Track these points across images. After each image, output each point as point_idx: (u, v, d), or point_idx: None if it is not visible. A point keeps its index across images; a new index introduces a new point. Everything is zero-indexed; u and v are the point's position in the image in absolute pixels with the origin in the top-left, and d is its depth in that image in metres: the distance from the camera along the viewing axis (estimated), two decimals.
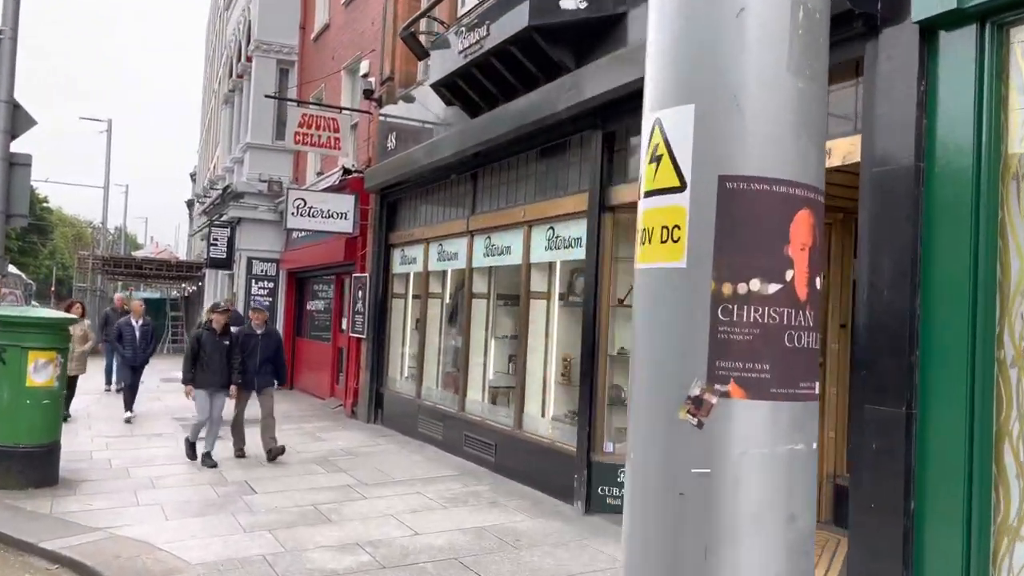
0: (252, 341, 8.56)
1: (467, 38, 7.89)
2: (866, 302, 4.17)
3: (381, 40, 11.98)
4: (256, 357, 8.49)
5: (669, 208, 1.56)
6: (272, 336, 8.87)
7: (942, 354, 3.85)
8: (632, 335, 1.65)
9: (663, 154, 1.60)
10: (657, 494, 1.51)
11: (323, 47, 15.67)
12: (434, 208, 10.41)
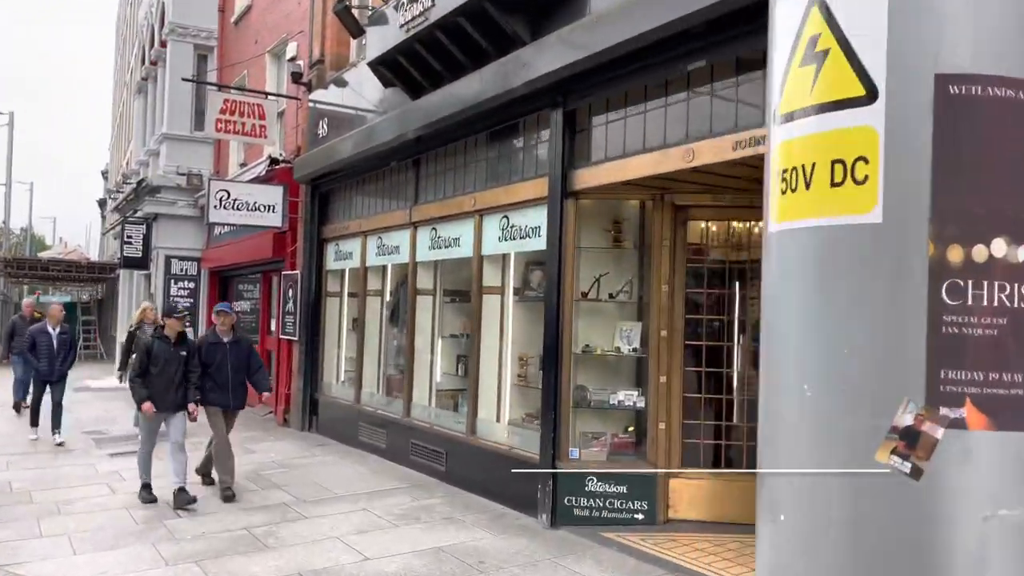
0: (218, 352, 7.00)
1: (409, 10, 7.24)
2: None
3: (310, 20, 11.17)
4: (226, 371, 6.96)
5: (845, 132, 1.00)
6: (243, 344, 7.27)
7: None
8: (764, 329, 1.08)
9: (830, 47, 1.04)
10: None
11: (245, 30, 14.70)
12: (372, 199, 9.70)
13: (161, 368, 6.58)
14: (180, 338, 6.78)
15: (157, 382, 6.56)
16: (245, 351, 7.23)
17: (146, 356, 6.63)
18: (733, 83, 4.93)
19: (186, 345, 6.83)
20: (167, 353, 6.62)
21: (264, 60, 13.35)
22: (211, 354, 6.97)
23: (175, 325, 6.78)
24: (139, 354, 6.80)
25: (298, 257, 11.19)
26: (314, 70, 10.91)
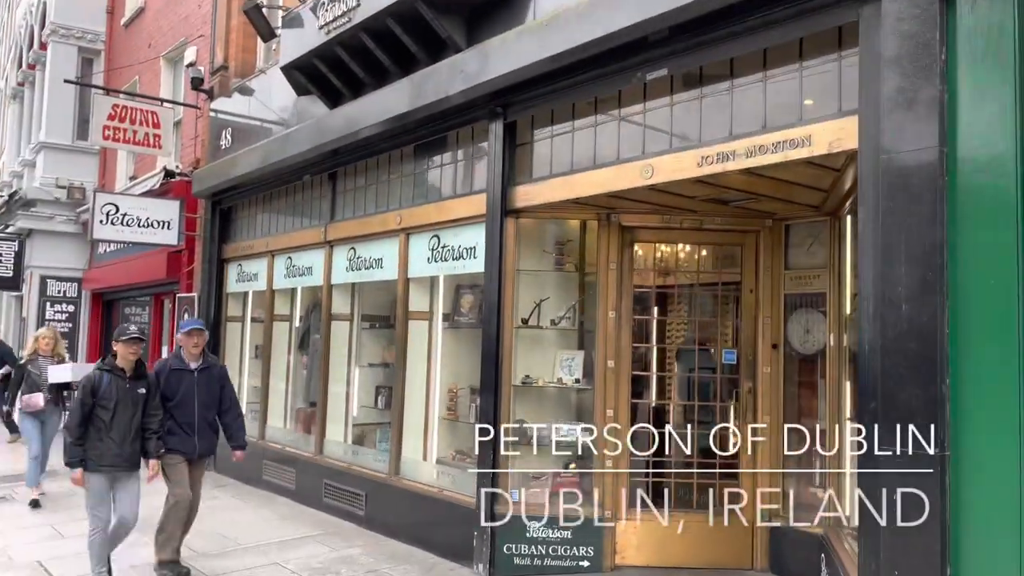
0: (183, 382, 5.42)
1: (330, 11, 6.63)
2: (876, 319, 3.40)
3: (212, 23, 10.35)
4: (191, 406, 5.40)
5: None
6: (214, 372, 5.65)
7: (981, 380, 3.13)
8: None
9: None
10: None
11: (137, 33, 13.62)
12: (281, 215, 8.95)
13: (113, 414, 4.93)
14: (136, 370, 5.12)
15: (104, 436, 4.90)
16: (217, 381, 5.64)
17: (90, 398, 4.92)
18: (698, 95, 4.58)
19: (144, 380, 5.16)
20: (120, 391, 4.98)
21: (158, 65, 12.36)
22: (173, 385, 5.39)
23: (130, 353, 5.07)
24: (79, 398, 5.05)
25: (195, 278, 10.25)
26: (216, 76, 10.09)
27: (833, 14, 3.74)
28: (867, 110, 3.52)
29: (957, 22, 3.23)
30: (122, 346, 5.07)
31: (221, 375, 5.74)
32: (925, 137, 3.27)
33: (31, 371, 7.58)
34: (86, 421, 4.92)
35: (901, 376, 3.28)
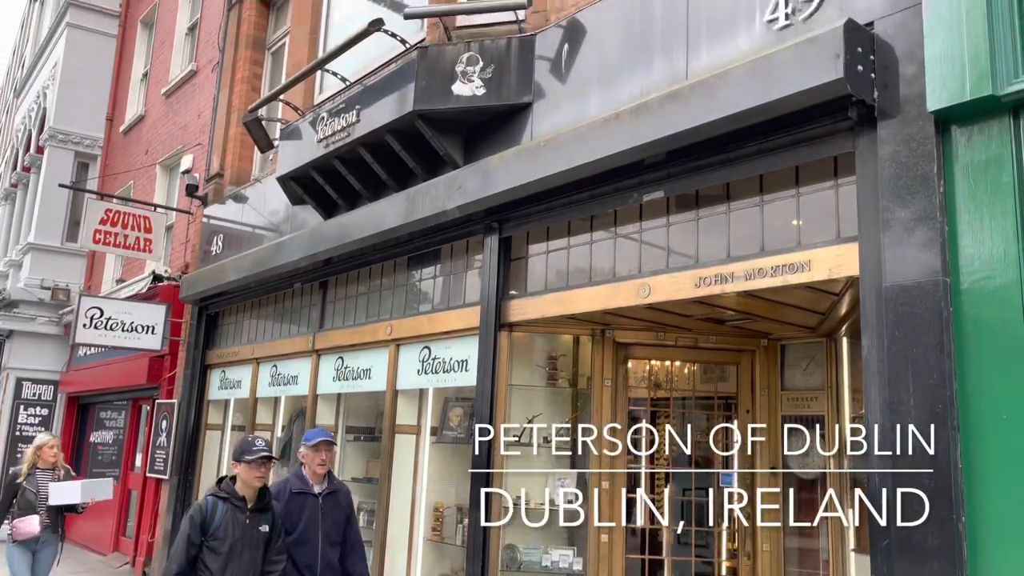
0: (305, 509, 4.41)
1: (329, 125, 6.75)
2: (885, 447, 3.31)
3: (211, 132, 10.54)
4: (315, 543, 4.37)
5: None
6: (341, 497, 4.65)
7: (1000, 518, 3.01)
8: None
9: None
10: None
11: (135, 140, 13.85)
12: (269, 322, 8.85)
13: (227, 559, 3.86)
14: (260, 500, 4.05)
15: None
16: (344, 510, 4.60)
17: (199, 535, 3.90)
18: (694, 216, 4.62)
19: (269, 513, 4.10)
20: (239, 528, 3.92)
21: (154, 171, 12.51)
22: (294, 514, 4.35)
23: (255, 477, 3.99)
24: (184, 534, 3.93)
25: (177, 384, 10.03)
26: (211, 183, 10.18)
27: (829, 144, 3.81)
28: (867, 238, 3.54)
29: (954, 155, 3.28)
30: (245, 468, 3.97)
31: (348, 502, 4.67)
32: (927, 268, 3.27)
33: (27, 488, 6.36)
34: (191, 567, 3.83)
35: (915, 513, 3.15)
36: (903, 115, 3.45)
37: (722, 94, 3.95)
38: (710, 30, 4.45)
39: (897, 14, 3.54)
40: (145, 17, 14.56)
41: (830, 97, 3.55)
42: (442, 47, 5.89)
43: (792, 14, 4.00)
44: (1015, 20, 3.12)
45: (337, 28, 7.49)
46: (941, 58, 3.21)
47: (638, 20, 4.92)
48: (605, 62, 5.12)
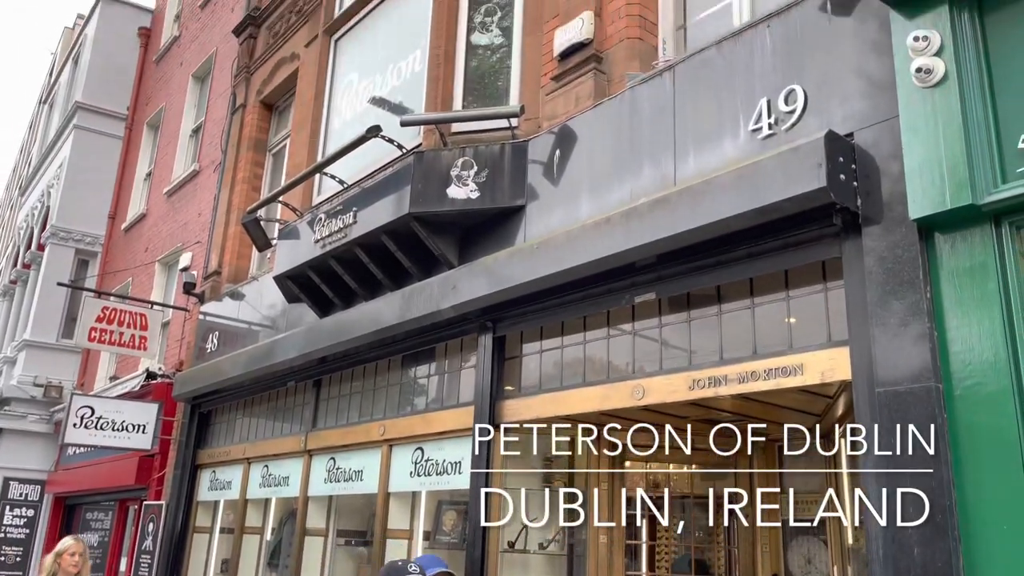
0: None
1: (327, 226, 6.86)
2: (887, 564, 3.22)
3: (210, 231, 10.69)
4: None
5: None
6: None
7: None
8: None
9: None
10: None
11: (136, 238, 14.03)
12: (261, 420, 8.75)
13: None
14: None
15: None
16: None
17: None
18: (686, 317, 4.65)
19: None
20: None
21: (153, 268, 12.62)
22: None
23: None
24: None
25: (165, 485, 9.83)
26: (209, 281, 10.26)
27: (816, 250, 3.88)
28: (857, 343, 3.55)
29: (939, 261, 3.33)
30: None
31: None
32: (919, 374, 3.27)
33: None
34: None
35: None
36: (887, 222, 3.52)
37: (709, 200, 4.04)
38: (697, 138, 4.58)
39: (875, 125, 3.66)
40: (151, 120, 14.99)
41: (815, 205, 3.63)
42: (438, 152, 6.05)
43: (775, 124, 4.13)
44: (990, 131, 3.23)
45: (336, 133, 7.69)
46: (920, 168, 3.30)
47: (627, 128, 5.07)
48: (595, 167, 5.25)
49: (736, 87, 4.42)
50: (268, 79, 10.38)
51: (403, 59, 6.99)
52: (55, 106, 18.70)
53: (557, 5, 5.95)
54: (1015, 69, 3.22)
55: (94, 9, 17.13)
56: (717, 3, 5.26)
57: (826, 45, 4.02)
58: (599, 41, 5.56)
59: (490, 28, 6.54)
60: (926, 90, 3.33)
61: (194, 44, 13.71)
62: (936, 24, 3.37)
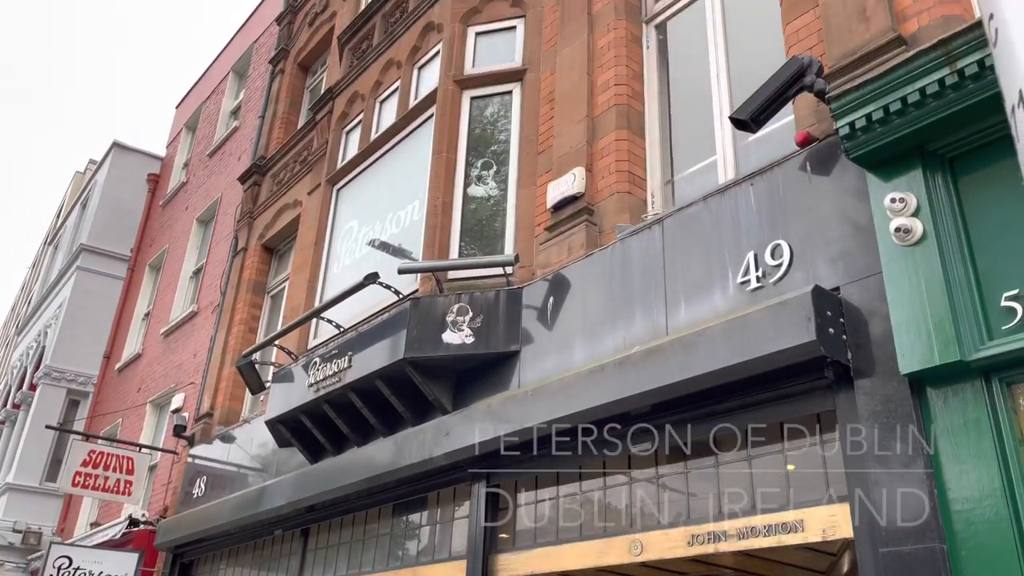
0: None
1: (321, 370, 6.86)
2: None
3: (204, 372, 10.66)
4: None
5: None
6: None
7: None
8: None
9: None
10: None
11: (129, 378, 13.97)
12: (246, 572, 8.39)
13: None
14: None
15: None
16: None
17: None
18: (683, 468, 4.57)
19: None
20: None
21: (144, 409, 12.48)
22: None
23: None
24: None
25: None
26: (200, 423, 10.13)
27: (809, 402, 3.87)
28: (857, 500, 3.48)
29: (933, 416, 3.32)
30: None
31: None
32: (921, 534, 3.19)
33: None
34: None
35: None
36: (878, 375, 3.54)
37: (702, 351, 4.07)
38: (687, 289, 4.68)
39: (861, 280, 3.75)
40: (153, 261, 15.28)
41: (806, 357, 3.66)
42: (434, 298, 6.14)
43: (763, 277, 4.23)
44: (972, 288, 3.31)
45: (335, 277, 7.84)
46: (907, 323, 3.36)
47: (618, 277, 5.18)
48: (589, 314, 5.32)
49: (723, 240, 4.55)
50: (270, 224, 10.68)
51: (402, 208, 7.22)
52: (60, 247, 19.10)
53: (550, 160, 6.22)
54: (991, 229, 3.34)
55: (106, 156, 17.84)
56: (702, 160, 5.50)
57: (808, 202, 4.18)
58: (590, 194, 5.77)
59: (486, 181, 6.80)
60: (906, 248, 3.44)
61: (200, 190, 14.19)
62: (911, 186, 3.53)
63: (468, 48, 7.30)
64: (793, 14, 4.80)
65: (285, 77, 12.22)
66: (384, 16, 8.72)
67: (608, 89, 5.97)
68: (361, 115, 8.50)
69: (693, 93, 5.79)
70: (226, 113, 14.71)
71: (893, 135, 3.53)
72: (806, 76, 4.07)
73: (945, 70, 3.29)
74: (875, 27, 4.03)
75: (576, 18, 6.48)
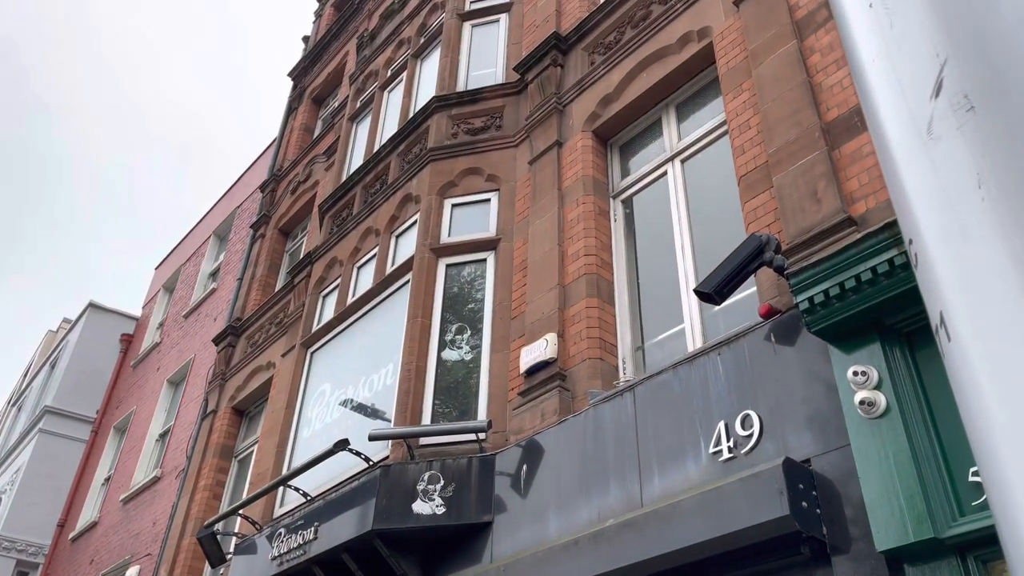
0: None
1: (286, 542, 6.58)
2: None
3: (163, 542, 10.17)
4: None
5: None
6: None
7: None
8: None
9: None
10: None
11: (82, 548, 13.26)
12: None
13: None
14: None
15: None
16: None
17: None
18: None
19: None
20: None
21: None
22: None
23: None
24: None
25: None
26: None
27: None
28: None
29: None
30: None
31: None
32: None
33: None
34: None
35: None
36: (854, 552, 3.48)
37: (676, 525, 4.00)
38: (660, 458, 4.65)
39: (831, 452, 3.77)
40: (119, 423, 14.93)
41: (781, 532, 3.61)
42: (404, 465, 6.02)
43: (734, 447, 4.23)
44: (939, 463, 3.32)
45: (304, 442, 7.69)
46: (879, 499, 3.34)
47: (591, 445, 5.15)
48: (563, 483, 5.23)
49: (694, 409, 4.58)
50: (242, 385, 10.58)
51: (376, 372, 7.23)
52: (23, 409, 18.66)
53: (523, 326, 6.33)
54: (952, 402, 3.41)
55: (81, 315, 17.83)
56: (671, 327, 5.63)
57: (775, 373, 4.26)
58: (563, 360, 5.84)
59: (460, 345, 6.87)
60: (872, 421, 3.48)
61: (173, 351, 14.12)
62: (872, 359, 3.62)
63: (444, 218, 7.59)
64: (750, 193, 5.09)
65: (265, 241, 12.52)
66: (364, 187, 9.09)
67: (578, 259, 6.18)
68: (339, 280, 8.67)
69: (660, 263, 6.01)
70: (204, 275, 14.92)
71: (850, 310, 3.67)
72: (765, 252, 4.26)
73: (893, 251, 3.47)
74: (826, 208, 4.28)
75: (547, 192, 6.81)
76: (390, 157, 8.80)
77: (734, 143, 5.41)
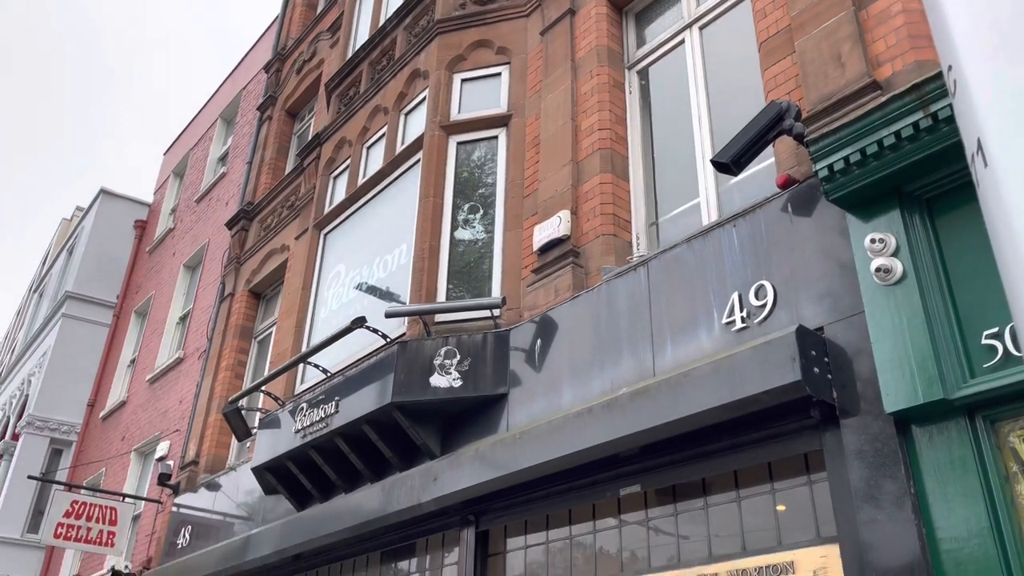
0: None
1: (308, 416, 6.81)
2: None
3: (190, 419, 10.55)
4: None
5: None
6: None
7: None
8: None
9: None
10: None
11: (113, 426, 13.80)
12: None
13: None
14: None
15: None
16: None
17: None
18: (672, 511, 4.54)
19: None
20: None
21: (128, 458, 12.31)
22: None
23: None
24: None
25: None
26: (185, 471, 9.99)
27: (797, 442, 3.88)
28: (846, 540, 3.47)
29: (919, 454, 3.34)
30: None
31: None
32: (911, 574, 3.17)
33: None
34: None
35: None
36: (864, 414, 3.55)
37: (688, 392, 4.08)
38: (673, 329, 4.70)
39: (844, 320, 3.79)
40: (140, 308, 15.21)
41: (792, 397, 3.68)
42: (421, 341, 6.14)
43: (748, 317, 4.26)
44: (953, 326, 3.34)
45: (322, 321, 7.82)
46: (890, 363, 3.38)
47: (605, 319, 5.20)
48: (576, 356, 5.33)
49: (708, 281, 4.60)
50: (258, 269, 10.68)
51: (389, 252, 7.25)
52: (45, 295, 19.00)
53: (536, 204, 6.28)
54: (969, 267, 3.39)
55: (93, 202, 17.85)
56: (686, 202, 5.58)
57: (791, 243, 4.24)
58: (576, 237, 5.82)
59: (473, 224, 6.85)
60: (887, 288, 3.48)
61: (188, 236, 14.20)
62: (890, 227, 3.58)
63: (454, 94, 7.40)
64: (771, 60, 4.91)
65: (273, 123, 12.33)
66: (371, 63, 8.85)
67: (592, 134, 6.06)
68: (348, 160, 8.58)
69: (676, 137, 5.89)
70: (214, 159, 14.80)
71: (871, 177, 3.60)
72: (784, 120, 4.15)
73: (919, 114, 3.37)
74: (850, 72, 4.13)
75: (560, 64, 6.60)
76: (396, 31, 8.51)
77: (755, 6, 5.18)
